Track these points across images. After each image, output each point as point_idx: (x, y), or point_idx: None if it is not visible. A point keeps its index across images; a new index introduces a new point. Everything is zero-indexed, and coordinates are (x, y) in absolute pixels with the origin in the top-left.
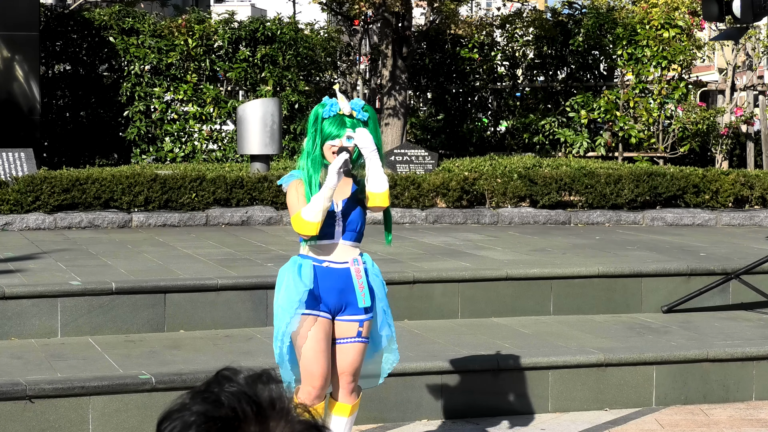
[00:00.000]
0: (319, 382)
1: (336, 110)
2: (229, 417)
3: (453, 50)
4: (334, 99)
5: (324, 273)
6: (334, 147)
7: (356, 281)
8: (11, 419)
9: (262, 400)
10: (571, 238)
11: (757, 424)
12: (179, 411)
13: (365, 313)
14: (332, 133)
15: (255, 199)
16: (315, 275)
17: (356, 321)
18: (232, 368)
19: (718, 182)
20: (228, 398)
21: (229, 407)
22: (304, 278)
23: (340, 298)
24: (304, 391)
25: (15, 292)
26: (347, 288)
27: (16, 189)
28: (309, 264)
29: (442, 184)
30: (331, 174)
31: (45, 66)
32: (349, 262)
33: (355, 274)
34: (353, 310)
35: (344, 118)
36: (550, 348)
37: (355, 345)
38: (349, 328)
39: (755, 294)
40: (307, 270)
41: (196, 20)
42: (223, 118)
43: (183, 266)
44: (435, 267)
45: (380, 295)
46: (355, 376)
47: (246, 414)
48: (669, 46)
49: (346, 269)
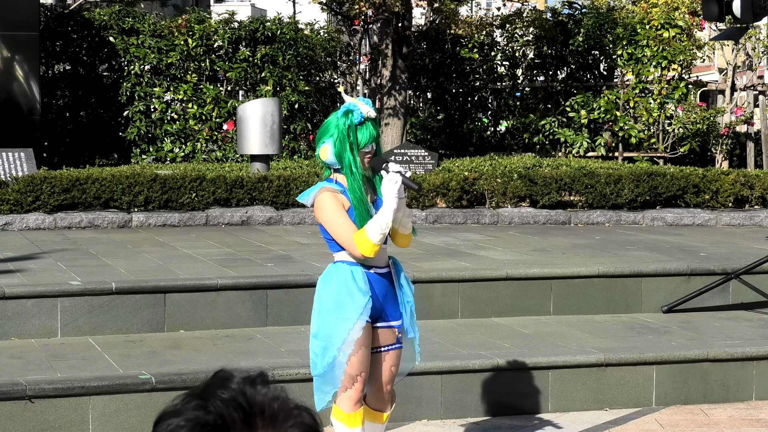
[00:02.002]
0: (362, 386)
1: (364, 115)
2: (216, 423)
3: (453, 50)
4: (352, 103)
5: (375, 280)
6: (366, 154)
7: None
8: (11, 419)
9: (251, 405)
10: (571, 238)
11: (757, 424)
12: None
13: (399, 318)
14: (371, 138)
15: (255, 199)
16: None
17: (394, 327)
18: (226, 371)
19: (718, 182)
20: (216, 404)
21: (216, 413)
22: (361, 285)
23: (382, 303)
24: (345, 396)
25: (15, 292)
26: (390, 292)
27: (16, 189)
28: (360, 271)
29: (442, 184)
30: (391, 199)
31: (45, 66)
32: (389, 266)
33: (395, 277)
34: (391, 315)
35: (368, 121)
36: (550, 348)
37: (396, 351)
38: (390, 335)
39: (755, 294)
40: (360, 276)
41: (196, 20)
42: (223, 117)
43: (183, 266)
44: (435, 267)
45: (410, 299)
46: (392, 382)
47: (233, 420)
48: (669, 46)
49: (388, 273)
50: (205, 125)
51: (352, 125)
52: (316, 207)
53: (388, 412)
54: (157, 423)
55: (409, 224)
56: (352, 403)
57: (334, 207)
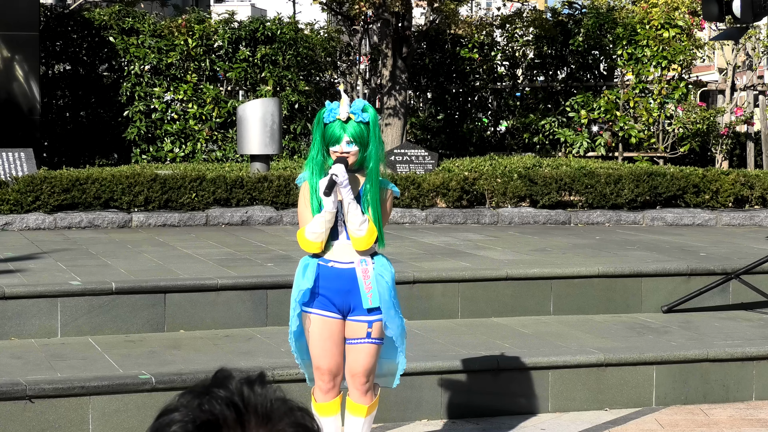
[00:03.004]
0: (325, 377)
1: (336, 115)
2: (209, 421)
3: (453, 50)
4: (336, 103)
5: (328, 273)
6: (336, 153)
7: (362, 282)
8: (11, 419)
9: (246, 404)
10: (571, 238)
11: (757, 424)
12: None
13: (375, 314)
14: (333, 138)
15: (255, 199)
16: (318, 275)
17: (365, 322)
18: (226, 370)
19: (718, 182)
20: (211, 402)
21: (210, 411)
22: (306, 278)
23: (345, 298)
24: (315, 386)
25: (15, 292)
26: (353, 288)
27: (16, 189)
28: (314, 264)
29: (442, 184)
30: (327, 201)
31: (45, 66)
32: (355, 262)
33: (361, 274)
34: (361, 310)
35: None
36: (550, 348)
37: (364, 346)
38: (358, 329)
39: (755, 294)
40: (311, 269)
41: (196, 20)
42: (223, 118)
43: (183, 266)
44: (435, 267)
45: (385, 297)
46: (368, 377)
47: (225, 418)
48: (669, 46)
49: (351, 269)
50: (205, 125)
51: (320, 122)
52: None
53: (368, 405)
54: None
55: (359, 227)
56: (321, 393)
57: (303, 199)
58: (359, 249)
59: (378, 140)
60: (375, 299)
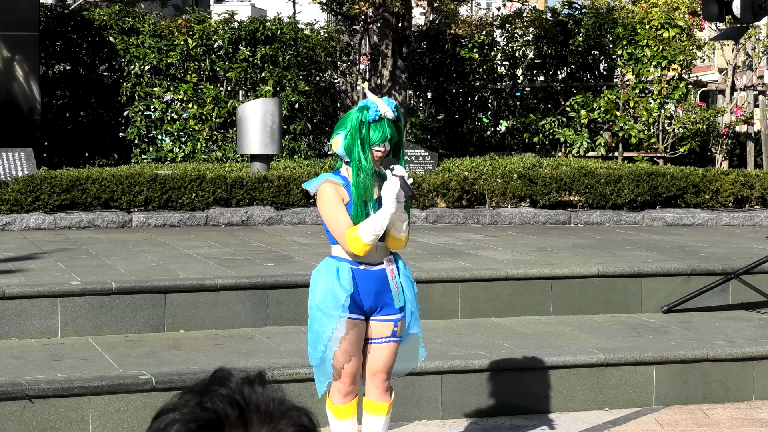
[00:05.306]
0: (348, 379)
1: (379, 114)
2: (212, 419)
3: (453, 50)
4: (373, 101)
5: (362, 276)
6: (379, 152)
7: (391, 282)
8: (11, 419)
9: (247, 403)
10: (571, 238)
11: (757, 424)
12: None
13: (399, 313)
14: (380, 137)
15: (255, 199)
16: (354, 279)
17: (391, 321)
18: (225, 369)
19: (718, 182)
20: (212, 400)
21: (212, 410)
22: (344, 282)
23: (376, 299)
24: (335, 389)
25: (15, 292)
26: (384, 289)
27: (16, 189)
28: (347, 267)
29: (442, 184)
30: (389, 203)
31: (45, 66)
32: (384, 263)
33: (390, 274)
34: (389, 310)
35: (384, 120)
36: (550, 348)
37: (389, 344)
38: (384, 328)
39: (755, 294)
40: (345, 273)
41: (196, 20)
42: (223, 118)
43: (183, 266)
44: (435, 267)
45: (410, 296)
46: (388, 375)
47: (228, 416)
48: (669, 46)
49: (382, 270)
50: (205, 125)
51: (365, 121)
52: (318, 198)
53: (388, 403)
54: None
55: (403, 228)
56: (340, 395)
57: (333, 200)
58: (396, 249)
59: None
60: (402, 298)
